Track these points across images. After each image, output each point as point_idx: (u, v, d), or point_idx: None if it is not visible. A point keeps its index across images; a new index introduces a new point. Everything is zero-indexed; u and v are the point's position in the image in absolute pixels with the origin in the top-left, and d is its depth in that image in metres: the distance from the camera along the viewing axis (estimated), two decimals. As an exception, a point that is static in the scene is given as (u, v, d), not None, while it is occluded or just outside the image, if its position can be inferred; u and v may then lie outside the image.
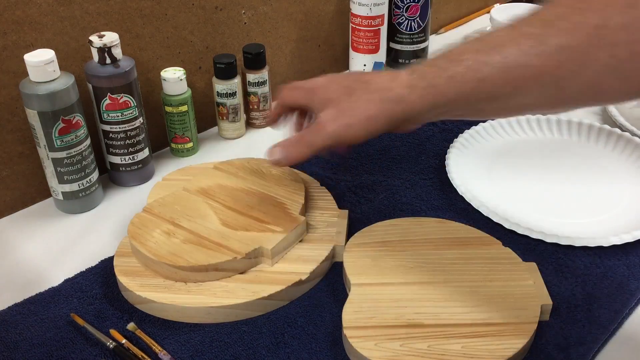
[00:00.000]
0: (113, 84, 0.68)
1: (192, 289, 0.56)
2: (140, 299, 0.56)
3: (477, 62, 0.47)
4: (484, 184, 0.72)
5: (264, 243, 0.58)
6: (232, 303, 0.55)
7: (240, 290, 0.56)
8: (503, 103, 0.47)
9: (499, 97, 0.47)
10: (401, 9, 0.94)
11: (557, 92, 0.45)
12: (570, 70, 0.43)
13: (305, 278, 0.57)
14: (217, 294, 0.55)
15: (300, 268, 0.58)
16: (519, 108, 0.49)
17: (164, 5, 0.76)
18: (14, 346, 0.53)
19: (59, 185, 0.68)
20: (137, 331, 0.54)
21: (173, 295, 0.55)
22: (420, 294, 0.55)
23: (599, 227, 0.65)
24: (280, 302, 0.57)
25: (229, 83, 0.79)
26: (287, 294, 0.56)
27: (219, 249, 0.57)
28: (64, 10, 0.68)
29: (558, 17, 0.44)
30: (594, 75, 0.43)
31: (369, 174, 0.74)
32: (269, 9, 0.87)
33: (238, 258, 0.56)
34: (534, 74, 0.44)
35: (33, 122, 0.64)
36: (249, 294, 0.55)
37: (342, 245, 0.61)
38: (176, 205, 0.63)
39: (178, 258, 0.56)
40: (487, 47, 0.47)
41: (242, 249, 0.57)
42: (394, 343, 0.50)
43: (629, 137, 0.77)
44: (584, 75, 0.43)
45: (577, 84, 0.44)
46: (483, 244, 0.61)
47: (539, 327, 0.52)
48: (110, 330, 0.54)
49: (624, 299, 0.57)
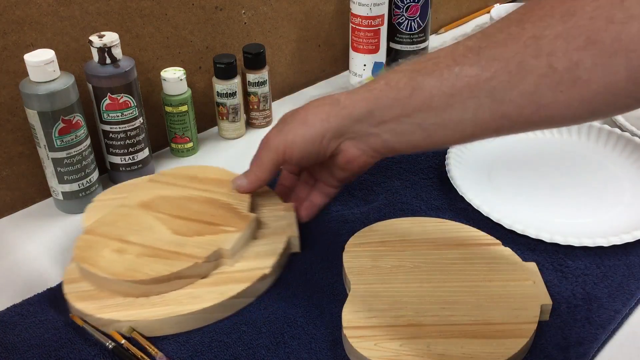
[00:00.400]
0: (113, 84, 0.68)
1: (156, 301, 0.55)
2: (104, 321, 0.54)
3: (412, 71, 0.47)
4: (483, 184, 0.72)
5: (221, 244, 0.57)
6: (201, 307, 0.54)
7: (206, 294, 0.55)
8: (440, 116, 0.47)
9: (434, 108, 0.46)
10: (401, 9, 0.94)
11: (494, 105, 0.44)
12: (505, 81, 0.42)
13: (268, 272, 0.57)
14: (183, 302, 0.54)
15: (262, 263, 0.58)
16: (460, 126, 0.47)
17: (164, 5, 0.76)
18: (12, 347, 0.53)
19: (59, 185, 0.68)
20: (133, 333, 0.53)
21: (138, 312, 0.54)
22: (420, 294, 0.55)
23: (599, 227, 0.65)
24: (248, 299, 0.57)
25: (229, 83, 0.79)
26: (254, 290, 0.57)
27: (177, 257, 0.56)
28: (64, 10, 0.68)
29: (497, 29, 0.44)
30: (532, 87, 0.42)
31: (368, 174, 0.74)
32: (269, 9, 0.87)
33: (199, 262, 0.56)
34: (467, 83, 0.44)
35: (33, 122, 0.64)
36: (216, 296, 0.55)
37: (296, 235, 0.61)
38: (119, 223, 0.60)
39: (137, 272, 0.54)
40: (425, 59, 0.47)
41: (201, 253, 0.56)
42: (394, 343, 0.50)
43: (629, 137, 0.77)
44: (521, 86, 0.42)
45: (515, 96, 0.43)
46: (483, 244, 0.61)
47: (539, 327, 0.52)
48: (111, 331, 0.54)
49: (624, 299, 0.57)
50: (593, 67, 0.39)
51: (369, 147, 0.54)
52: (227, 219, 0.60)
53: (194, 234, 0.59)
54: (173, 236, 0.58)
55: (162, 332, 0.54)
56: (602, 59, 0.39)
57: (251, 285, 0.56)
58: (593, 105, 0.41)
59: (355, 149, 0.55)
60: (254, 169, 0.60)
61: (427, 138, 0.50)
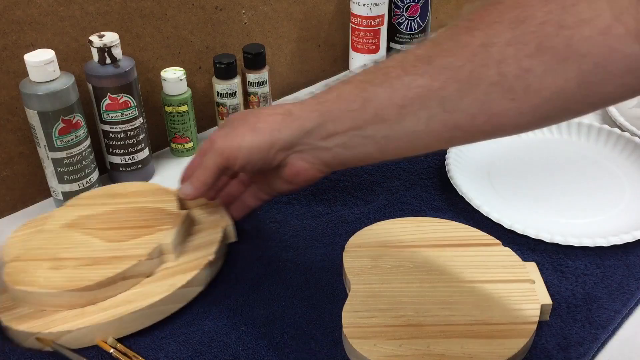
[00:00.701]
0: (113, 84, 0.68)
1: (105, 305, 0.53)
2: (53, 335, 0.51)
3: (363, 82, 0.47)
4: (483, 184, 0.72)
5: (160, 240, 0.57)
6: (153, 301, 0.53)
7: (156, 288, 0.55)
8: (392, 129, 0.46)
9: (385, 120, 0.46)
10: (401, 9, 0.94)
11: (445, 115, 0.43)
12: (455, 90, 0.42)
13: (213, 259, 0.58)
14: (133, 300, 0.54)
15: (205, 252, 0.59)
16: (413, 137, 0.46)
17: (164, 5, 0.76)
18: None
19: (59, 185, 0.68)
20: (118, 345, 0.52)
21: (90, 318, 0.52)
22: (420, 294, 0.55)
23: (599, 227, 0.65)
24: (198, 288, 0.57)
25: (229, 83, 0.79)
26: (202, 278, 0.57)
27: (119, 260, 0.55)
28: (64, 10, 0.68)
29: (447, 37, 0.44)
30: (482, 96, 0.41)
31: (368, 175, 0.74)
32: (269, 9, 0.87)
33: (143, 260, 0.55)
34: (417, 94, 0.43)
35: (33, 122, 0.64)
36: (166, 288, 0.55)
37: (230, 224, 0.62)
38: (47, 245, 0.57)
39: (80, 281, 0.53)
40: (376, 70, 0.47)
41: (142, 252, 0.56)
42: (394, 343, 0.50)
43: (629, 137, 0.77)
44: (472, 95, 0.41)
45: (466, 106, 0.42)
46: (483, 244, 0.61)
47: (539, 327, 0.52)
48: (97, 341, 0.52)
49: (624, 299, 0.57)
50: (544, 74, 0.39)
51: (319, 160, 0.52)
52: (159, 219, 0.60)
53: (130, 238, 0.58)
54: (109, 244, 0.57)
55: (119, 334, 0.53)
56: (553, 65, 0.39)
57: (199, 273, 0.56)
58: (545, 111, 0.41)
59: (303, 162, 0.53)
60: (198, 174, 0.57)
61: (379, 150, 0.49)
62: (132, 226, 0.59)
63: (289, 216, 0.68)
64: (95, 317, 0.52)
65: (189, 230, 0.61)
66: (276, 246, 0.64)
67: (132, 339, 0.54)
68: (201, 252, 0.59)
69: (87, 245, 0.57)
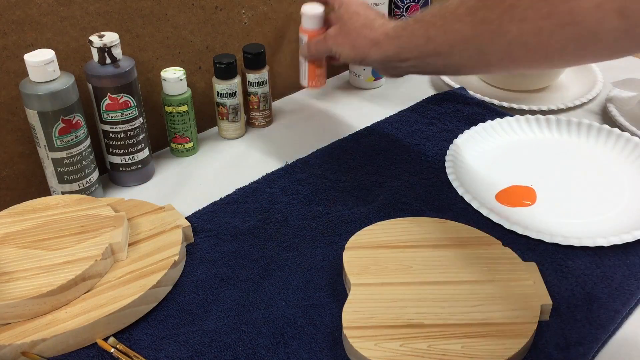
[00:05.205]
0: (113, 84, 0.68)
1: (74, 311, 0.53)
2: (26, 345, 0.50)
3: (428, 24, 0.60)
4: (484, 184, 0.72)
5: (110, 240, 0.58)
6: (127, 303, 0.54)
7: (126, 291, 0.55)
8: (445, 59, 0.60)
9: (440, 54, 0.60)
10: (401, 9, 0.94)
11: (480, 56, 0.56)
12: (489, 39, 0.54)
13: (178, 258, 0.59)
14: (105, 304, 0.54)
15: (168, 253, 0.60)
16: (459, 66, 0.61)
17: (164, 5, 0.76)
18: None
19: (59, 185, 0.68)
20: (119, 345, 0.52)
21: (64, 325, 0.52)
22: (420, 294, 0.55)
23: (599, 227, 0.65)
24: (167, 287, 0.58)
25: (229, 83, 0.79)
26: (170, 277, 0.58)
27: (73, 263, 0.55)
28: (64, 10, 0.68)
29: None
30: (507, 45, 0.53)
31: (368, 175, 0.74)
32: (269, 9, 0.87)
33: (98, 260, 0.56)
34: (462, 37, 0.56)
35: (33, 122, 0.64)
36: (137, 290, 0.55)
37: (189, 225, 0.63)
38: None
39: (40, 288, 0.52)
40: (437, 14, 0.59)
41: (97, 252, 0.56)
42: (394, 343, 0.50)
43: (629, 137, 0.77)
44: (499, 44, 0.53)
45: (495, 51, 0.55)
46: (483, 244, 0.61)
47: (539, 327, 0.53)
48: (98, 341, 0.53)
49: (624, 299, 0.57)
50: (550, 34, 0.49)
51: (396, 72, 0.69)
52: (99, 223, 0.61)
53: (76, 243, 0.58)
54: (55, 252, 0.57)
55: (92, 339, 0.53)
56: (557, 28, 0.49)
57: (167, 272, 0.57)
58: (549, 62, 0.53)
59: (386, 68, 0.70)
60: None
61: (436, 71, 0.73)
62: (72, 233, 0.60)
63: (289, 216, 0.68)
64: (69, 323, 0.52)
65: (131, 228, 0.63)
66: (276, 246, 0.64)
67: (132, 339, 0.54)
68: (166, 253, 0.60)
69: (30, 257, 0.57)
